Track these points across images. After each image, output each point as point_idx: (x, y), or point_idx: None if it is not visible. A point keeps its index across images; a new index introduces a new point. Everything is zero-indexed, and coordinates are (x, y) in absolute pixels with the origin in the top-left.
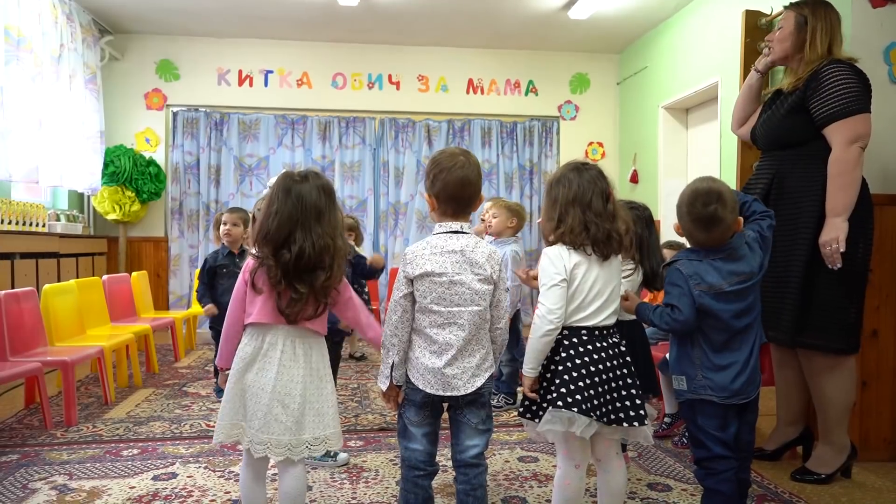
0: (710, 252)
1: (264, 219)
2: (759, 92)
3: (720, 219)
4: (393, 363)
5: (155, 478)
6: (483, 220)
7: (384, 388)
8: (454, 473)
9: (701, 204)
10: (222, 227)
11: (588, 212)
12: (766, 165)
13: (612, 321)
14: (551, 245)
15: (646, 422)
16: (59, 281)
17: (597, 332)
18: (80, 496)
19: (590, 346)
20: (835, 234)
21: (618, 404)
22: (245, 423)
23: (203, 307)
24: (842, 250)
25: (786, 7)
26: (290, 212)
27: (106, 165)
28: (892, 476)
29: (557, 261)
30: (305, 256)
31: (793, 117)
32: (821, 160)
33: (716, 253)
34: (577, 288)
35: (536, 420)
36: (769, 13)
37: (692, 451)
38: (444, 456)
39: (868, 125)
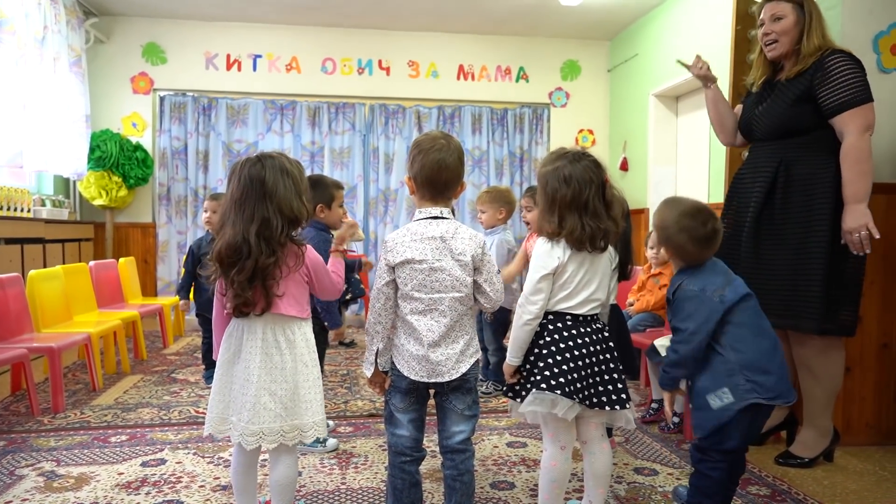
0: (696, 267)
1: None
2: (724, 99)
3: (719, 231)
4: (377, 350)
5: (144, 464)
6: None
7: (369, 374)
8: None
9: (702, 222)
10: (203, 215)
11: (585, 215)
12: (767, 154)
13: (598, 310)
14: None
15: (628, 405)
16: (44, 267)
17: (581, 318)
18: (67, 482)
19: (574, 331)
20: (863, 220)
21: (600, 388)
22: (234, 417)
23: (180, 300)
24: (876, 236)
25: None
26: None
27: (92, 150)
28: (873, 460)
29: (547, 257)
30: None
31: (800, 106)
32: (827, 149)
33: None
34: (567, 278)
35: (519, 400)
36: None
37: (699, 435)
38: (433, 441)
39: (874, 114)
